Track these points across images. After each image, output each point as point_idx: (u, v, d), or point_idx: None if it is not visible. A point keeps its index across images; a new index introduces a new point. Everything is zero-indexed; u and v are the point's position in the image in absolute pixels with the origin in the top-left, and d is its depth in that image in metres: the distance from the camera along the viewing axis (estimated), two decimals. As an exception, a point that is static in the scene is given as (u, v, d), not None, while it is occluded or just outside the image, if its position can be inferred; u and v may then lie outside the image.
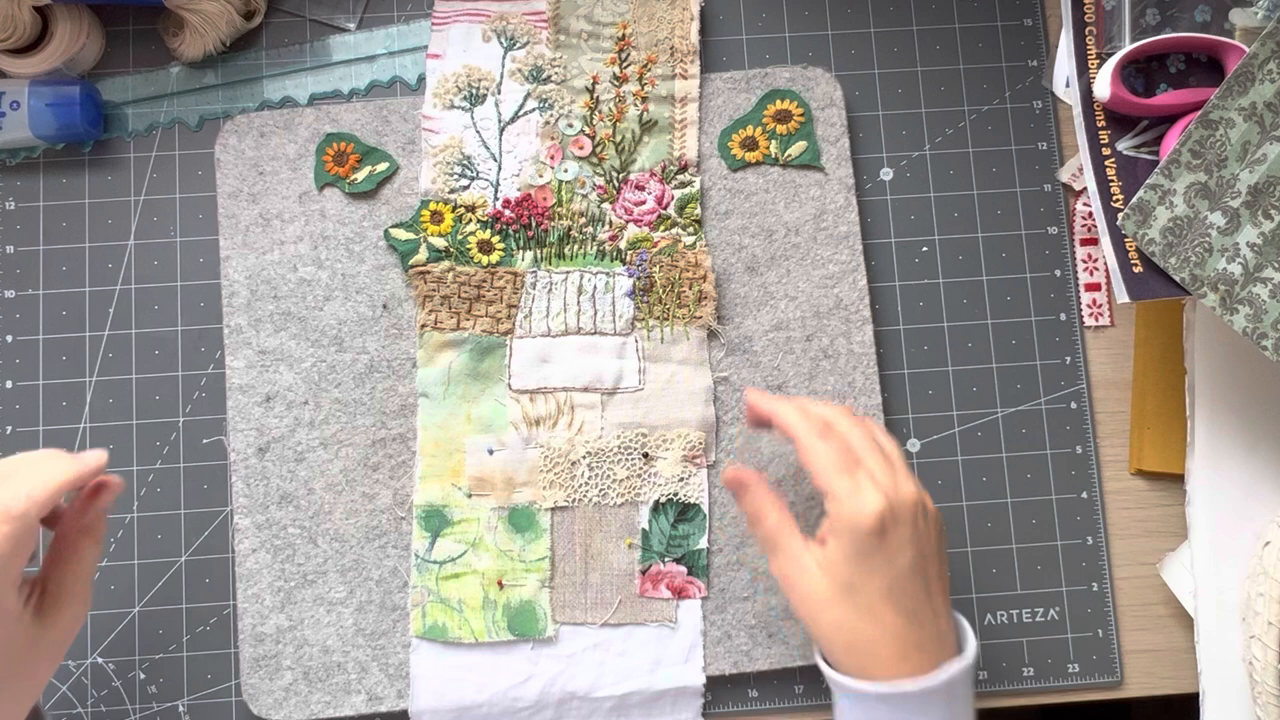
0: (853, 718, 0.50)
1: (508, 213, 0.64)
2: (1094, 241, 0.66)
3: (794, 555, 0.50)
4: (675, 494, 0.62)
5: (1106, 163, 0.59)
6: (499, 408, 0.63)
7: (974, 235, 0.66)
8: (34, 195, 0.65)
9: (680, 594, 0.62)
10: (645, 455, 0.62)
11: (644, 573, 0.62)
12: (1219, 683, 0.60)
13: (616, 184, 0.65)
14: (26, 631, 0.47)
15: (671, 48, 0.65)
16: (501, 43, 0.65)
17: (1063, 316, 0.66)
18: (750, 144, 0.65)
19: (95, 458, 0.50)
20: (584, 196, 0.64)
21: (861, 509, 0.48)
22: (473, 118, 0.65)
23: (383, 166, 0.64)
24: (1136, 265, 0.57)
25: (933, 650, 0.49)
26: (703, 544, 0.62)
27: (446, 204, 0.64)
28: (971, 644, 0.50)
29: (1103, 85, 0.58)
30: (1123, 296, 0.57)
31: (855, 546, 0.48)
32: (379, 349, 0.63)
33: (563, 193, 0.64)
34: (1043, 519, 0.64)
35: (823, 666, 0.51)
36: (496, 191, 0.64)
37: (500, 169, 0.64)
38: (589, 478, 0.62)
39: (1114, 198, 0.58)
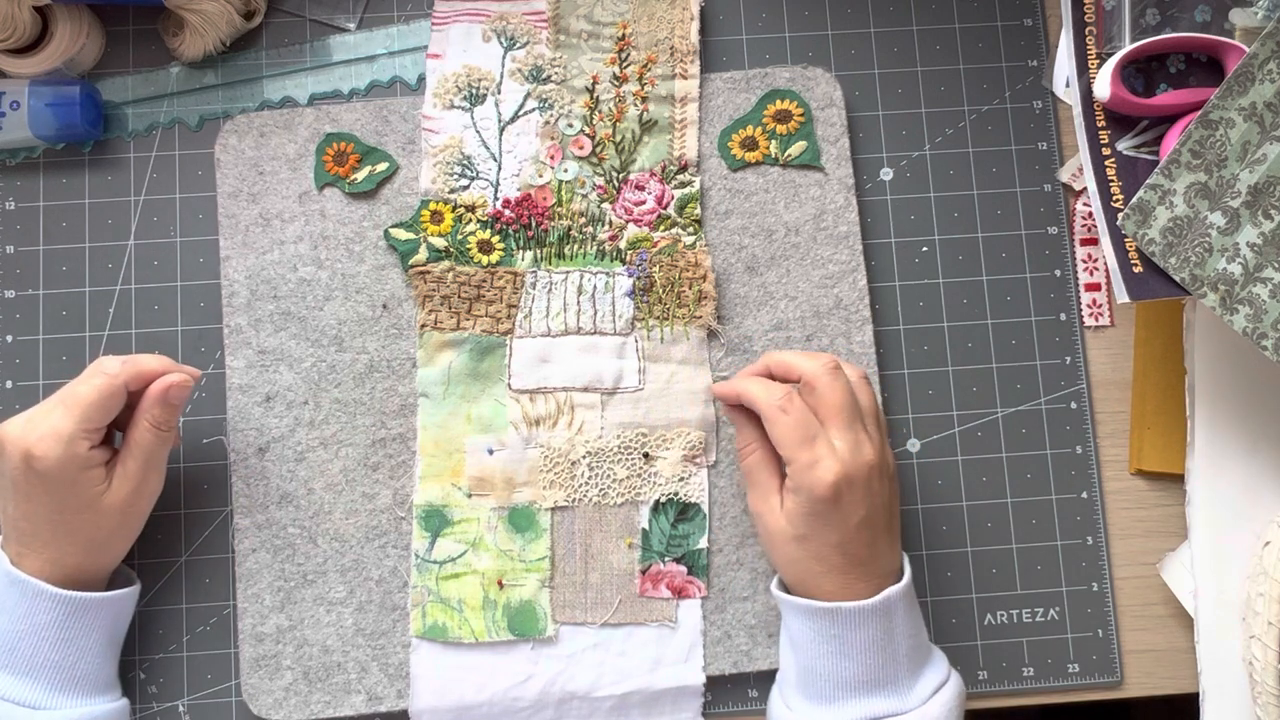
0: (797, 631, 0.55)
1: (508, 213, 0.64)
2: (1094, 241, 0.66)
3: (765, 495, 0.56)
4: (675, 494, 0.62)
5: (1106, 163, 0.59)
6: (499, 408, 0.63)
7: (974, 235, 0.66)
8: (34, 195, 0.65)
9: (680, 594, 0.62)
10: (645, 455, 0.62)
11: (644, 572, 0.62)
12: (1219, 683, 0.60)
13: (616, 184, 0.65)
14: (94, 484, 0.54)
15: (671, 48, 0.65)
16: (501, 43, 0.65)
17: (1063, 316, 0.66)
18: (750, 144, 0.65)
19: (192, 368, 0.59)
20: (584, 196, 0.64)
21: (817, 481, 0.53)
22: (473, 118, 0.65)
23: (383, 166, 0.64)
24: (1136, 265, 0.57)
25: (874, 583, 0.54)
26: (703, 544, 0.62)
27: (446, 204, 0.64)
28: (906, 572, 0.56)
29: (1103, 85, 0.58)
30: (1123, 296, 0.57)
31: (811, 508, 0.53)
32: (379, 349, 0.63)
33: (563, 193, 0.64)
34: (1043, 519, 0.64)
35: (774, 591, 0.57)
36: (496, 191, 0.64)
37: (500, 169, 0.64)
38: (589, 478, 0.62)
39: (1114, 198, 0.58)
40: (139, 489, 0.56)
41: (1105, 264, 0.65)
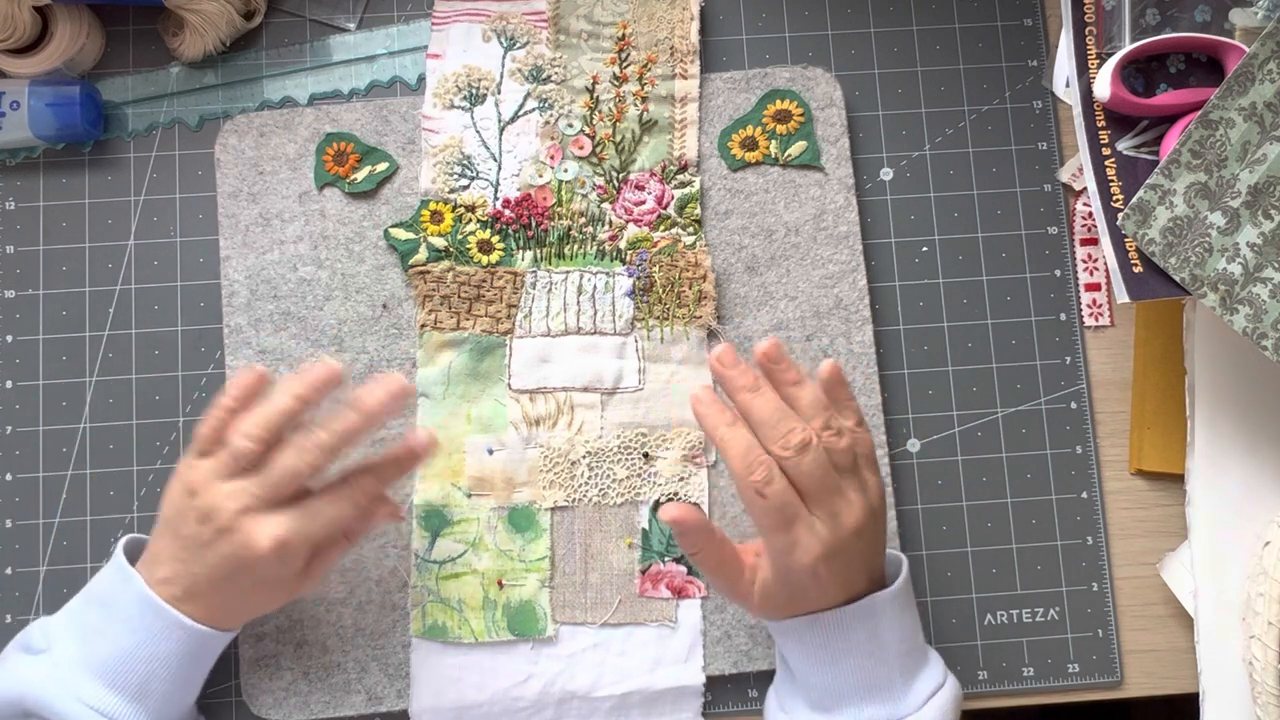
0: (784, 646, 0.55)
1: (508, 212, 0.64)
2: (1094, 241, 0.66)
3: (733, 583, 0.53)
4: (675, 494, 0.62)
5: (1106, 163, 0.59)
6: (499, 408, 0.63)
7: (974, 235, 0.66)
8: (34, 195, 0.65)
9: (680, 593, 0.62)
10: (645, 455, 0.62)
11: (644, 572, 0.62)
12: (1219, 683, 0.60)
13: (616, 184, 0.65)
14: (290, 583, 0.54)
15: (671, 48, 0.65)
16: (501, 43, 0.65)
17: (1063, 316, 0.66)
18: (750, 144, 0.65)
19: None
20: (584, 196, 0.64)
21: (794, 563, 0.50)
22: (473, 117, 0.65)
23: (383, 166, 0.65)
24: (1136, 265, 0.57)
25: (857, 595, 0.53)
26: (703, 544, 0.62)
27: (446, 204, 0.64)
28: (901, 577, 0.55)
29: (1103, 85, 0.58)
30: (1123, 296, 0.57)
31: (788, 582, 0.52)
32: (379, 349, 0.63)
33: (563, 192, 0.64)
34: (1043, 519, 0.64)
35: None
36: (496, 191, 0.64)
37: (500, 169, 0.64)
38: (589, 477, 0.62)
39: (1114, 198, 0.58)
40: (318, 586, 0.57)
41: (1105, 264, 0.65)
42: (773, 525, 0.50)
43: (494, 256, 0.64)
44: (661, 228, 0.64)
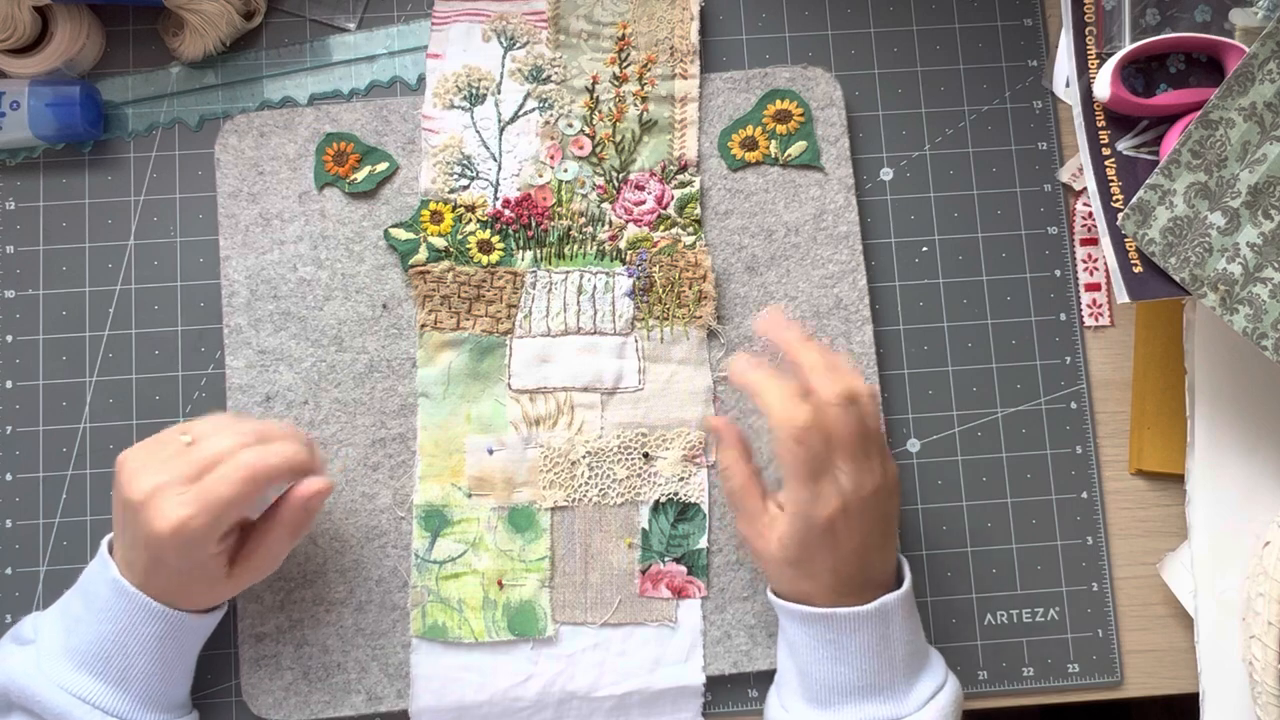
0: (794, 635, 0.55)
1: (507, 212, 0.64)
2: (1094, 241, 0.66)
3: (753, 518, 0.56)
4: (675, 494, 0.62)
5: (1106, 163, 0.59)
6: (499, 407, 0.63)
7: (974, 235, 0.66)
8: (34, 195, 0.65)
9: (680, 594, 0.62)
10: (645, 455, 0.62)
11: (644, 572, 0.62)
12: (1219, 683, 0.60)
13: (616, 184, 0.65)
14: (215, 569, 0.53)
15: (671, 48, 0.65)
16: (501, 42, 0.65)
17: (1063, 316, 0.66)
18: (750, 144, 0.65)
19: (322, 483, 0.55)
20: (584, 196, 0.64)
21: (815, 515, 0.52)
22: (473, 117, 0.65)
23: (383, 166, 0.65)
24: (1136, 265, 0.57)
25: (866, 595, 0.54)
26: (703, 544, 0.62)
27: (446, 204, 0.64)
28: (906, 579, 0.56)
29: (1103, 85, 0.58)
30: (1123, 296, 0.57)
31: (806, 536, 0.53)
32: (379, 349, 0.63)
33: (563, 192, 0.64)
34: (1043, 519, 0.64)
35: (770, 597, 0.57)
36: (496, 191, 0.64)
37: (500, 169, 0.64)
38: (589, 478, 0.62)
39: (1114, 198, 0.58)
40: (259, 576, 0.56)
41: (1105, 264, 0.65)
42: (804, 475, 0.52)
43: (494, 256, 0.64)
44: (661, 228, 0.64)
